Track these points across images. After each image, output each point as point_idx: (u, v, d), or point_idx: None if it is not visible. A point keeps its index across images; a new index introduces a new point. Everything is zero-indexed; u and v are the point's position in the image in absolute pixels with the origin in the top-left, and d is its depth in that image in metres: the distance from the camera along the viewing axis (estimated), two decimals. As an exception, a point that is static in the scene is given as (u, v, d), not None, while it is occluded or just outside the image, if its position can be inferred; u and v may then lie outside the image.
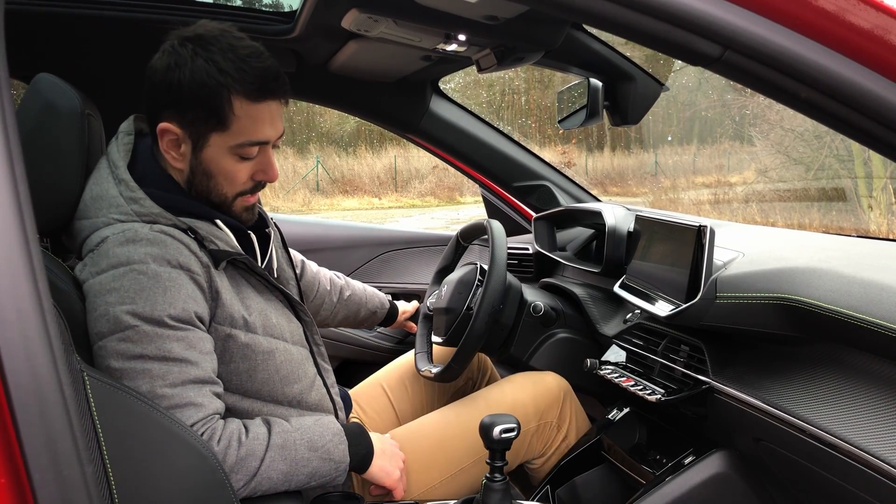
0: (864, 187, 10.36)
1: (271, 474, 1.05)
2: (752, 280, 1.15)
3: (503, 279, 1.52)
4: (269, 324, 1.15)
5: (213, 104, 1.06)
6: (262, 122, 1.10)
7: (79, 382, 0.81)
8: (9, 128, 0.56)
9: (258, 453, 1.05)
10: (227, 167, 1.11)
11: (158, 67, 1.08)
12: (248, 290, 1.15)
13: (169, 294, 1.01)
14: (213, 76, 1.05)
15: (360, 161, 18.92)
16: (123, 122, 1.18)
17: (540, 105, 20.88)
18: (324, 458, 1.10)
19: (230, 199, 1.15)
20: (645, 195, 15.68)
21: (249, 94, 1.07)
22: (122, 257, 1.01)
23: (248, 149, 1.11)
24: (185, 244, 1.05)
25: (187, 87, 1.05)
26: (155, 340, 1.00)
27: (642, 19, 0.74)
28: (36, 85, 1.06)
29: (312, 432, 1.11)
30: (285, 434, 1.09)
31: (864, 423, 0.93)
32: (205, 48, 1.06)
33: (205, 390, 1.02)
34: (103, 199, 1.07)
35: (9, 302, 0.54)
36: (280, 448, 1.07)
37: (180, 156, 1.11)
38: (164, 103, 1.08)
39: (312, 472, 1.09)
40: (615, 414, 1.51)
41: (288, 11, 1.78)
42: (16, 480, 0.54)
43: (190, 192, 1.14)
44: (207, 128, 1.08)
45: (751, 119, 14.84)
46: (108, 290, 1.00)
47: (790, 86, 0.76)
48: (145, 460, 0.88)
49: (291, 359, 1.18)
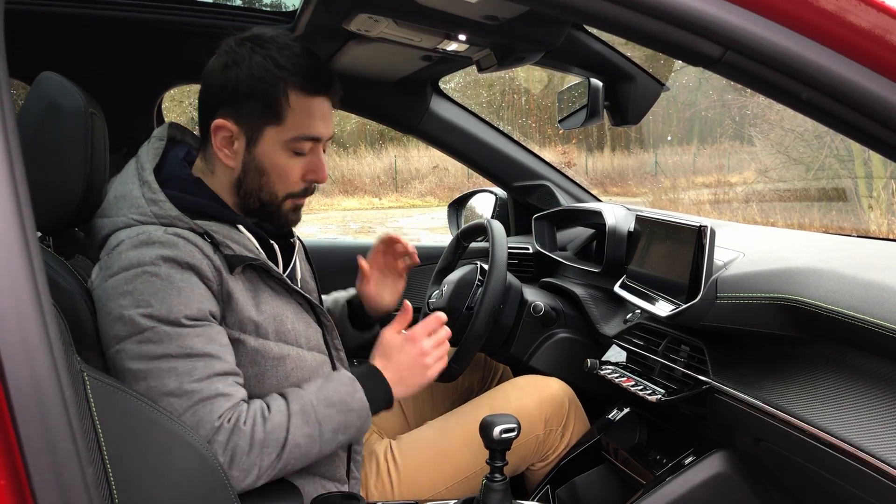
0: (864, 187, 10.37)
1: (298, 440, 1.06)
2: (752, 280, 1.15)
3: (503, 279, 1.52)
4: (282, 329, 1.15)
5: (269, 97, 1.09)
6: (315, 118, 1.13)
7: (79, 383, 0.81)
8: (8, 128, 0.56)
9: (283, 423, 1.06)
10: (281, 162, 1.13)
11: (215, 68, 1.11)
12: (266, 293, 1.14)
13: (184, 295, 1.02)
14: (270, 70, 1.09)
15: (360, 161, 18.92)
16: (157, 128, 1.20)
17: (540, 105, 20.88)
18: (343, 411, 1.10)
19: (280, 199, 1.16)
20: (645, 195, 15.68)
21: (304, 88, 1.11)
22: (133, 260, 1.02)
23: (302, 143, 1.13)
24: (199, 247, 1.06)
25: (245, 82, 1.09)
26: (175, 339, 1.00)
27: (643, 20, 0.74)
28: (39, 84, 1.06)
29: (327, 389, 1.11)
30: (301, 399, 1.09)
31: (865, 424, 0.93)
32: (262, 46, 1.10)
33: (230, 380, 1.04)
34: (126, 198, 1.09)
35: (8, 302, 0.54)
36: (300, 413, 1.07)
37: (233, 153, 1.13)
38: (220, 101, 1.11)
39: (337, 426, 1.10)
40: (615, 414, 1.51)
41: (288, 11, 1.78)
42: (15, 482, 0.54)
43: (239, 192, 1.15)
44: (263, 121, 1.11)
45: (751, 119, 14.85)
46: (121, 293, 1.01)
47: (791, 86, 0.76)
48: (145, 461, 0.88)
49: (304, 365, 1.17)
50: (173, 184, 1.12)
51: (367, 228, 13.10)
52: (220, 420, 1.02)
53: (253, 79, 1.09)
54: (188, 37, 1.77)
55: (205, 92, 1.13)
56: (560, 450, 1.50)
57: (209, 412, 1.01)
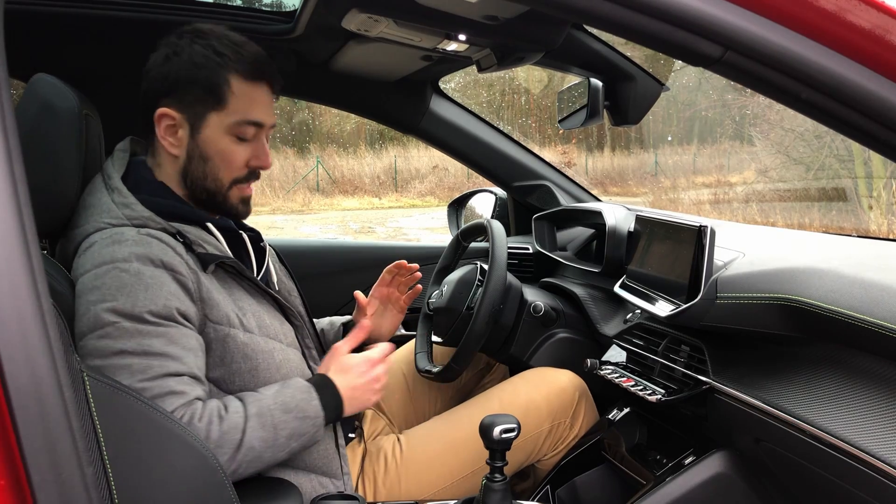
0: (864, 187, 10.37)
1: (253, 443, 1.05)
2: (752, 280, 1.15)
3: (503, 279, 1.52)
4: (263, 324, 1.16)
5: (211, 82, 1.11)
6: (257, 103, 1.15)
7: (79, 383, 0.81)
8: (8, 128, 0.56)
9: (239, 425, 1.05)
10: (224, 148, 1.15)
11: (156, 61, 1.14)
12: (240, 292, 1.16)
13: (150, 291, 1.02)
14: (210, 58, 1.12)
15: (360, 161, 18.92)
16: (120, 143, 1.21)
17: (540, 105, 20.88)
18: (299, 418, 1.10)
19: (226, 187, 1.17)
20: (645, 195, 15.68)
21: (246, 74, 1.13)
22: (106, 257, 1.03)
23: (245, 128, 1.15)
24: (172, 246, 1.07)
25: (186, 70, 1.11)
26: (135, 336, 1.00)
27: (643, 20, 0.74)
28: (33, 85, 1.06)
29: (284, 395, 1.11)
30: (259, 402, 1.08)
31: (865, 424, 0.93)
32: (201, 37, 1.13)
33: (185, 379, 1.03)
34: (95, 207, 1.10)
35: (8, 303, 0.54)
36: (257, 416, 1.06)
37: (177, 140, 1.14)
38: (161, 92, 1.12)
39: (291, 433, 1.09)
40: (615, 414, 1.51)
41: (288, 11, 1.78)
42: (15, 482, 0.54)
43: (186, 182, 1.16)
44: (206, 107, 1.12)
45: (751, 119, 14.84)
46: (90, 288, 1.01)
47: (791, 86, 0.76)
48: (145, 461, 0.88)
49: (289, 359, 1.19)
50: (142, 188, 1.13)
51: (367, 228, 13.10)
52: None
53: (194, 66, 1.11)
54: (188, 37, 1.77)
55: (146, 86, 1.14)
56: (569, 440, 1.50)
57: None
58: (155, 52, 1.15)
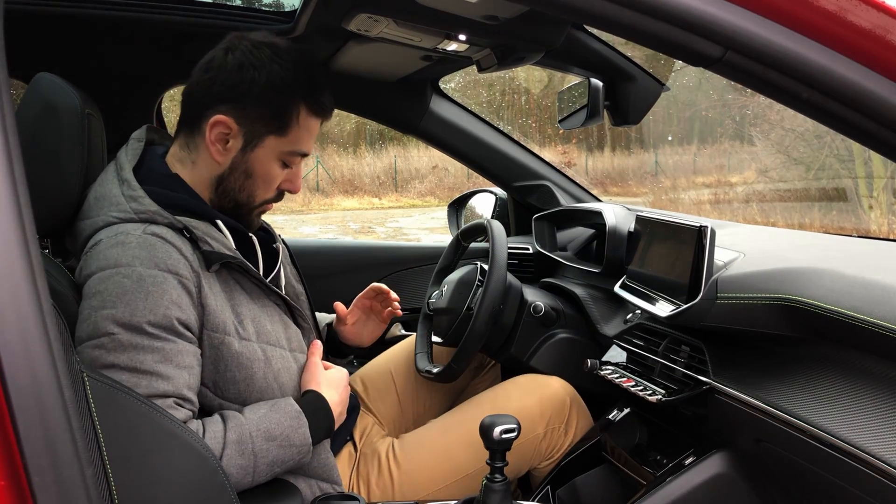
0: (864, 187, 10.37)
1: (230, 470, 1.01)
2: (752, 280, 1.15)
3: (503, 279, 1.52)
4: (263, 331, 1.13)
5: (281, 110, 1.11)
6: (311, 136, 1.17)
7: (78, 384, 0.81)
8: (8, 128, 0.56)
9: (216, 450, 1.01)
10: (271, 171, 1.15)
11: (230, 63, 1.10)
12: (242, 295, 1.12)
13: (151, 299, 0.99)
14: (288, 85, 1.11)
15: (360, 161, 18.93)
16: (136, 131, 1.19)
17: (540, 105, 20.87)
18: (283, 446, 1.06)
19: (256, 203, 1.18)
20: (645, 195, 15.68)
21: (314, 109, 1.14)
22: (110, 260, 1.01)
23: (295, 158, 1.17)
24: (177, 247, 1.04)
25: (260, 88, 1.09)
26: (128, 350, 0.98)
27: (643, 20, 0.74)
28: (36, 84, 1.06)
29: (269, 421, 1.06)
30: (240, 428, 1.04)
31: (865, 424, 0.93)
32: (279, 56, 1.11)
33: (169, 402, 1.00)
34: (105, 198, 1.08)
35: (8, 303, 0.54)
36: (236, 443, 1.02)
37: (226, 150, 1.13)
38: (227, 97, 1.10)
39: (273, 461, 1.06)
40: (615, 414, 1.51)
41: (288, 11, 1.78)
42: (15, 482, 0.54)
43: (217, 189, 1.15)
44: (268, 130, 1.12)
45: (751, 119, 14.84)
46: (92, 293, 1.00)
47: (791, 86, 0.76)
48: (145, 462, 0.88)
49: (290, 367, 1.15)
50: (153, 180, 1.11)
51: (367, 228, 13.10)
52: None
53: (271, 87, 1.09)
54: (188, 37, 1.77)
55: (207, 82, 1.10)
56: (564, 447, 1.50)
57: None
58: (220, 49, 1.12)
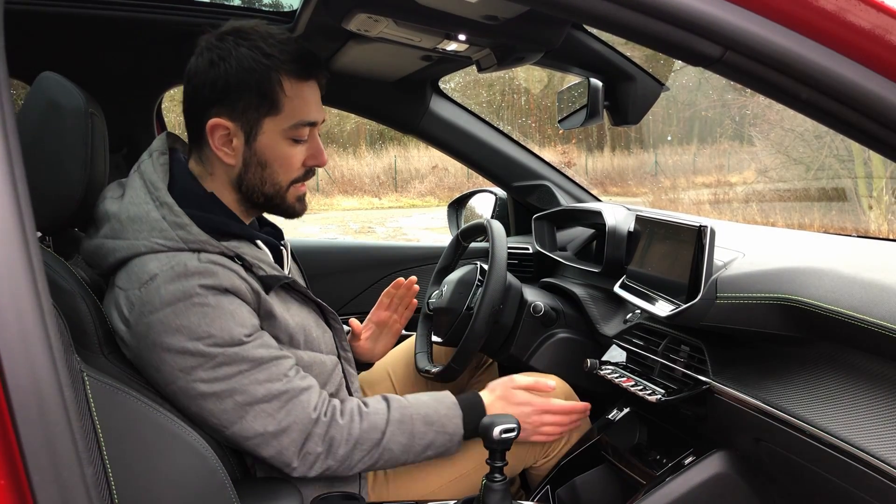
0: (864, 187, 10.38)
1: (392, 446, 1.13)
2: (752, 280, 1.15)
3: (503, 279, 1.52)
4: (309, 338, 1.18)
5: (263, 88, 1.08)
6: (309, 103, 1.13)
7: (78, 383, 0.81)
8: (8, 128, 0.56)
9: (380, 426, 1.12)
10: (282, 152, 1.13)
11: (200, 67, 1.09)
12: (294, 306, 1.17)
13: (237, 316, 1.04)
14: (259, 60, 1.07)
15: (360, 161, 18.93)
16: (155, 141, 1.17)
17: (540, 105, 20.87)
18: (439, 432, 1.16)
19: (284, 188, 1.16)
20: (645, 195, 15.68)
21: (297, 73, 1.10)
22: (177, 293, 1.01)
23: (301, 130, 1.13)
24: (235, 271, 1.06)
25: (235, 77, 1.07)
26: (244, 355, 1.04)
27: (643, 20, 0.74)
28: (39, 84, 1.06)
29: (428, 407, 1.17)
30: (402, 409, 1.15)
31: (865, 424, 0.93)
32: (245, 38, 1.08)
33: (300, 373, 1.10)
34: (143, 221, 1.05)
35: (8, 302, 0.54)
36: (398, 422, 1.13)
37: (233, 150, 1.11)
38: (211, 100, 1.09)
39: (428, 443, 1.16)
40: (615, 414, 1.51)
41: (288, 11, 1.78)
42: (15, 482, 0.54)
43: (241, 189, 1.15)
44: (260, 114, 1.09)
45: (751, 119, 14.85)
46: (175, 328, 1.00)
47: (791, 86, 0.76)
48: (145, 461, 0.88)
49: (325, 370, 1.20)
50: (191, 202, 1.09)
51: (367, 228, 13.10)
52: (317, 412, 1.08)
53: (243, 71, 1.06)
54: (188, 37, 1.77)
55: (192, 93, 1.11)
56: (560, 445, 1.50)
57: (303, 407, 1.07)
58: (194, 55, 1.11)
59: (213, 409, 1.03)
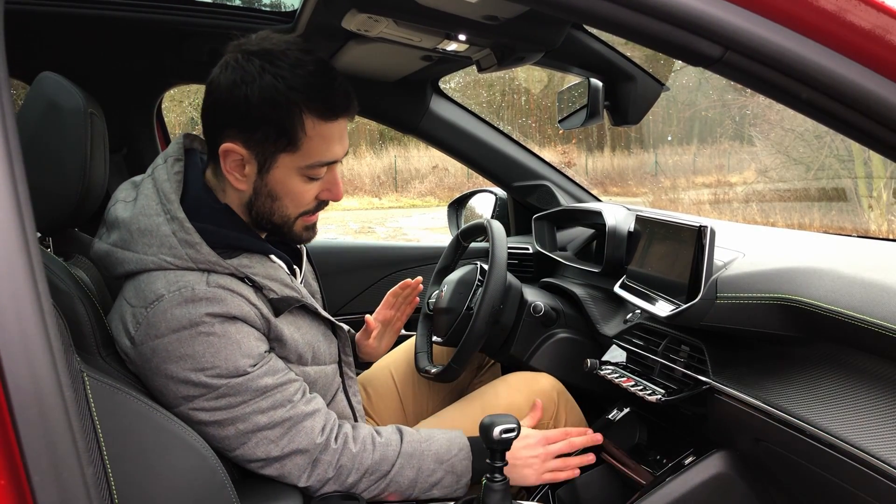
0: (864, 187, 10.37)
1: (399, 479, 1.13)
2: (752, 280, 1.15)
3: (503, 279, 1.52)
4: (318, 354, 1.18)
5: (284, 123, 1.01)
6: (332, 142, 1.06)
7: (78, 383, 0.81)
8: (8, 128, 0.56)
9: (390, 458, 1.12)
10: (295, 188, 1.08)
11: (223, 83, 1.02)
12: (305, 323, 1.16)
13: (244, 346, 1.02)
14: (284, 93, 1.00)
15: (360, 161, 18.92)
16: (171, 145, 1.13)
17: (540, 105, 20.87)
18: (448, 471, 1.17)
19: (292, 220, 1.13)
20: (645, 195, 15.68)
21: (321, 113, 1.03)
22: (182, 320, 0.99)
23: (318, 169, 1.08)
24: (244, 296, 1.03)
25: (256, 106, 1.00)
26: (248, 384, 1.03)
27: (643, 20, 0.74)
28: (39, 83, 1.06)
29: (440, 445, 1.17)
30: (415, 444, 1.16)
31: (865, 424, 0.93)
32: (273, 63, 1.01)
33: (305, 396, 1.09)
34: (153, 234, 1.02)
35: (8, 303, 0.54)
36: (409, 456, 1.14)
37: (244, 177, 1.07)
38: (229, 121, 1.03)
39: (436, 482, 1.16)
40: (615, 414, 1.51)
41: (288, 11, 1.78)
42: (15, 482, 0.54)
43: (250, 213, 1.11)
44: (277, 148, 1.03)
45: (751, 119, 14.84)
46: (179, 356, 0.99)
47: (791, 86, 0.76)
48: (145, 461, 0.88)
49: (326, 380, 1.21)
50: (202, 215, 1.05)
51: (367, 228, 13.09)
52: (324, 436, 1.08)
53: (265, 102, 1.00)
54: (188, 37, 1.77)
55: (211, 105, 1.05)
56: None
57: (307, 433, 1.07)
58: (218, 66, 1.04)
59: (215, 434, 1.03)
